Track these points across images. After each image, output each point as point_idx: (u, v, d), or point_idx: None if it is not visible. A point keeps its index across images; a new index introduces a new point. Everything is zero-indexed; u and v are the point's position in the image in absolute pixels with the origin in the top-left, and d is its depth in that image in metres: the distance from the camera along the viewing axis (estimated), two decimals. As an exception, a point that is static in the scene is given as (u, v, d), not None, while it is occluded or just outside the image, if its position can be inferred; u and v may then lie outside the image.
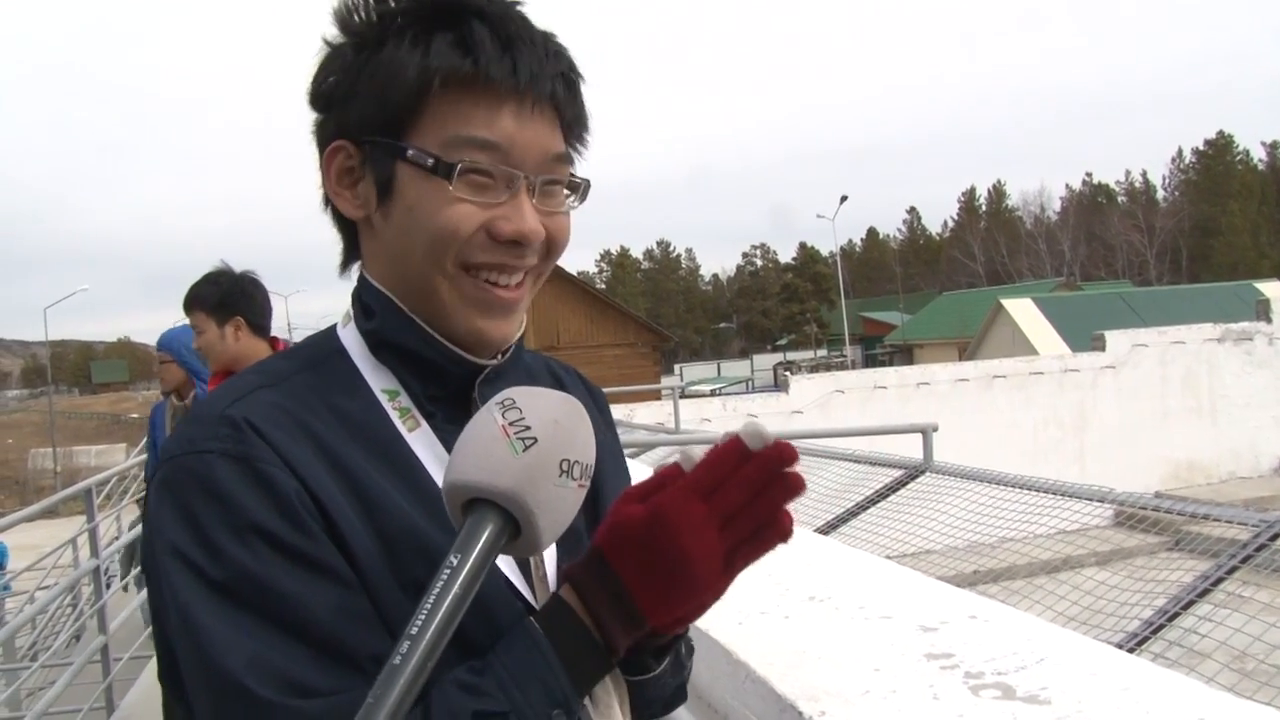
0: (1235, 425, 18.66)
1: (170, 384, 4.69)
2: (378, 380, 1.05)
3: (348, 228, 1.10)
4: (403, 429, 1.03)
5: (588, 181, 1.08)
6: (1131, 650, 4.20)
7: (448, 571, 0.79)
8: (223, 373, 3.66)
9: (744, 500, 0.91)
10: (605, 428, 1.26)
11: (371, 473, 0.98)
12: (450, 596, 0.77)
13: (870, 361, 53.37)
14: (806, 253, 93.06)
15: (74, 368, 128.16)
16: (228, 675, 0.87)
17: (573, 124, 1.06)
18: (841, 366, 46.53)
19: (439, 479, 0.93)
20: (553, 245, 1.06)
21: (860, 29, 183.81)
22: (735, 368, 62.19)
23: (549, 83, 1.01)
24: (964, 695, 1.99)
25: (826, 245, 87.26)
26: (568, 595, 0.94)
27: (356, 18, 1.03)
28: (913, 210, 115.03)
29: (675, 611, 0.94)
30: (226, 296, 3.64)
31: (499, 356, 1.09)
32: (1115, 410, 18.11)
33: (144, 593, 5.82)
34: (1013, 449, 15.42)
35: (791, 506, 1.06)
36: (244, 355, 3.59)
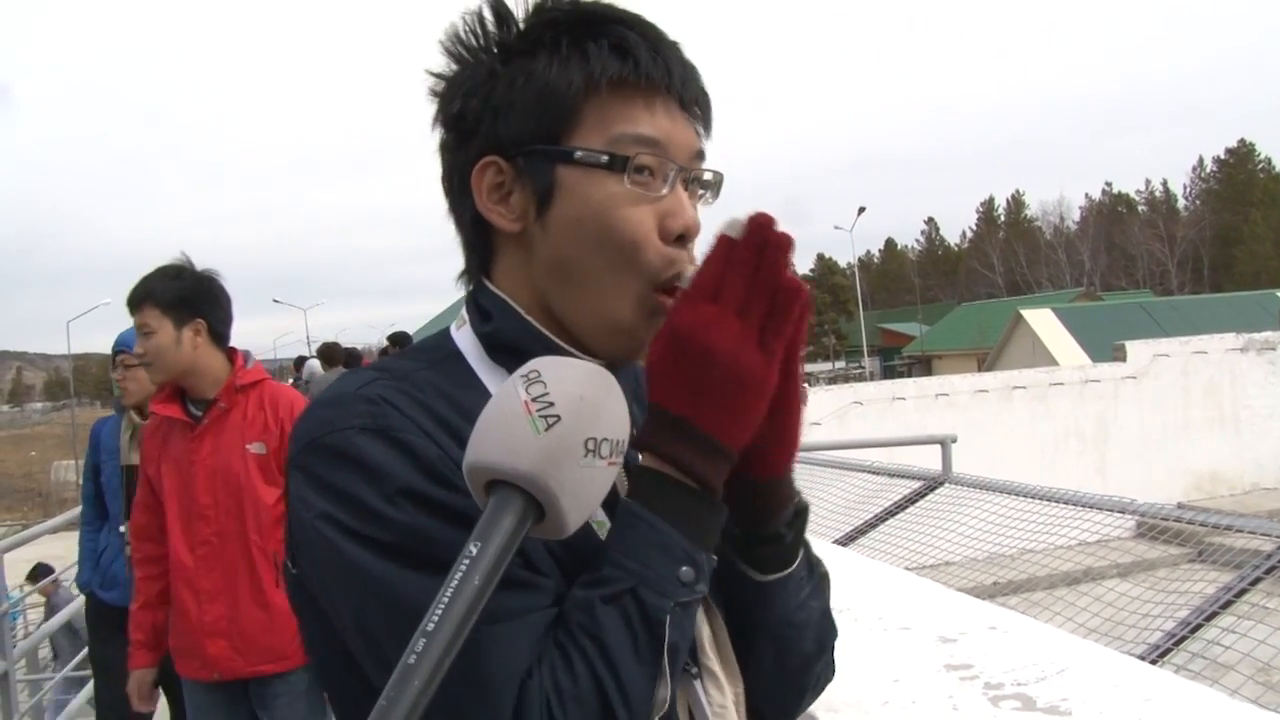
0: (1259, 436, 18.49)
1: (136, 395, 3.93)
2: (494, 380, 1.04)
3: (483, 241, 1.09)
4: None
5: (722, 175, 1.10)
6: (1154, 662, 4.18)
7: (467, 561, 0.75)
8: (170, 386, 3.21)
9: (747, 282, 0.92)
10: None
11: None
12: (471, 588, 0.74)
13: (889, 373, 53.32)
14: (824, 264, 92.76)
15: (96, 380, 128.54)
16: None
17: (709, 124, 1.10)
18: (860, 378, 46.38)
19: None
20: None
21: (878, 39, 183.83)
22: (753, 379, 61.86)
23: (694, 83, 1.06)
24: (984, 706, 1.99)
25: (844, 256, 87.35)
26: (644, 460, 0.94)
27: (476, 39, 1.05)
28: (931, 221, 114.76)
29: (738, 418, 0.93)
30: (189, 294, 3.15)
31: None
32: (1137, 421, 17.99)
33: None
34: (1033, 460, 15.32)
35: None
36: (200, 367, 3.14)
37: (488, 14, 1.05)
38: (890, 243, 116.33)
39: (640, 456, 0.95)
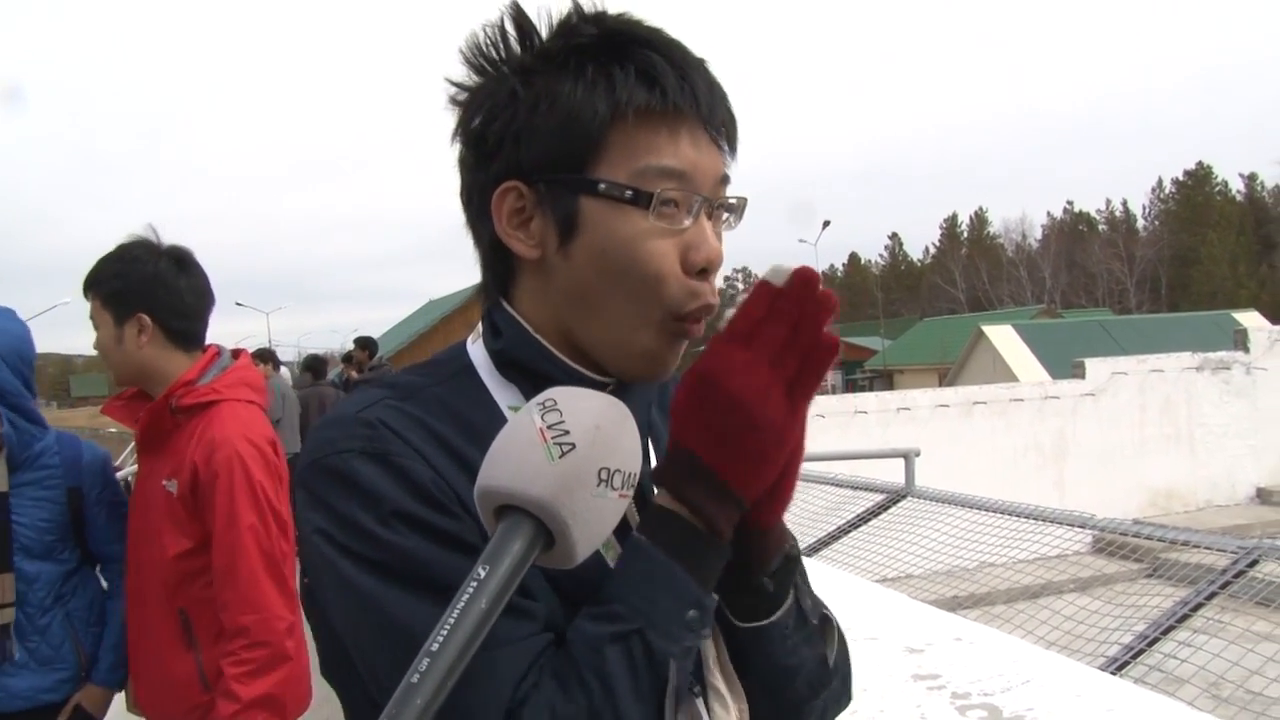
0: (1213, 454, 18.76)
1: None
2: (504, 396, 1.06)
3: (501, 263, 1.08)
4: None
5: (745, 200, 1.09)
6: (1112, 675, 4.23)
7: (475, 584, 0.75)
8: (129, 387, 2.68)
9: (785, 334, 0.91)
10: None
11: None
12: (477, 611, 0.74)
13: (850, 386, 53.50)
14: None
15: (53, 381, 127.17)
16: (415, 638, 0.82)
17: (735, 147, 1.08)
18: (821, 391, 46.37)
19: None
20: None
21: (843, 56, 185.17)
22: (717, 390, 61.98)
23: (721, 107, 1.04)
24: (951, 716, 2.02)
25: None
26: (658, 497, 0.94)
27: (497, 53, 1.04)
28: (895, 236, 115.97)
29: (755, 467, 0.93)
30: (131, 285, 2.56)
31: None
32: (1095, 437, 18.18)
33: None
34: (993, 475, 15.44)
35: None
36: (151, 369, 2.59)
37: (510, 27, 1.03)
38: (854, 257, 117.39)
39: (655, 491, 0.96)
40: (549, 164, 1.00)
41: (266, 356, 11.82)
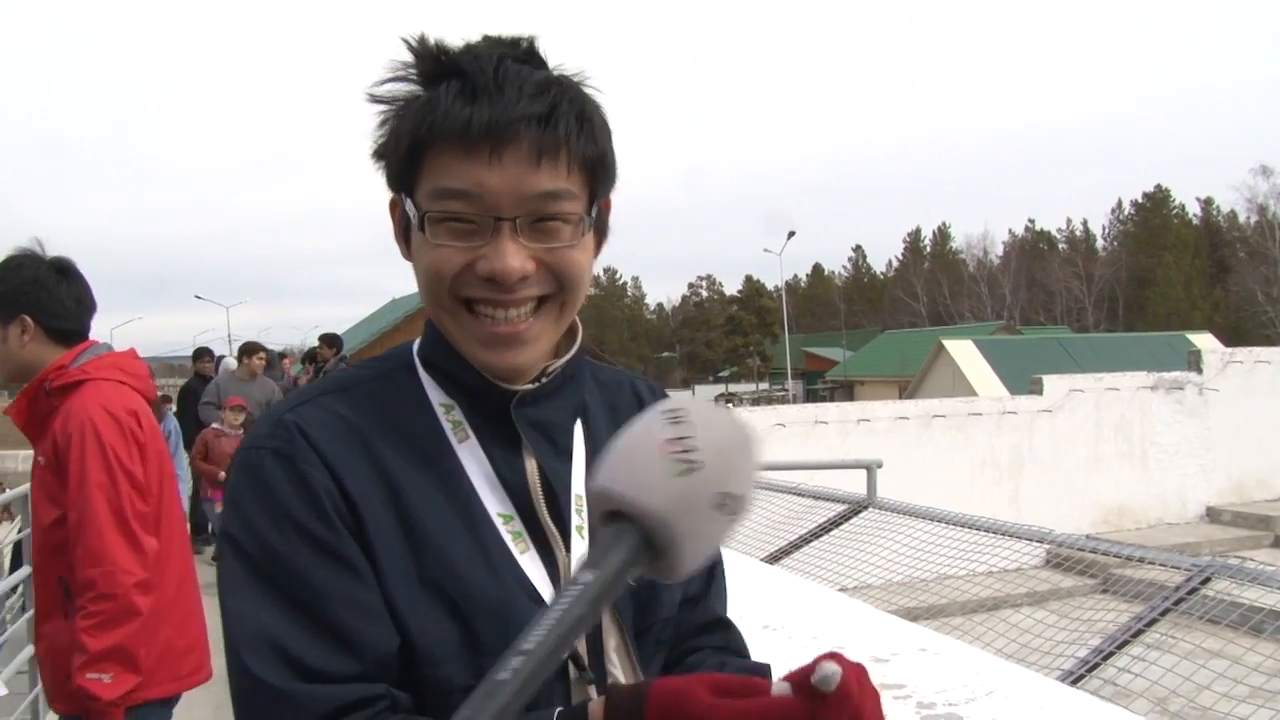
0: (1165, 472, 19.03)
1: None
2: (436, 394, 1.15)
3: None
4: (454, 440, 1.12)
5: (585, 217, 1.09)
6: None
7: (579, 587, 0.73)
8: (18, 381, 2.94)
9: None
10: None
11: (415, 479, 1.08)
12: (575, 616, 0.72)
13: (811, 396, 53.81)
14: (752, 286, 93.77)
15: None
16: (234, 647, 1.01)
17: (570, 159, 1.06)
18: (783, 400, 46.82)
19: (480, 488, 1.09)
20: (561, 277, 1.10)
21: (810, 70, 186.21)
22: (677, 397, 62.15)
23: (516, 127, 1.03)
24: (916, 725, 2.04)
25: (772, 279, 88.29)
26: (595, 711, 0.94)
27: (399, 82, 1.12)
28: (858, 249, 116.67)
29: None
30: (13, 291, 2.85)
31: (539, 380, 1.15)
32: (1050, 453, 18.38)
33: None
34: (950, 488, 15.56)
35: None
36: (35, 364, 2.85)
37: (406, 58, 1.10)
38: (818, 268, 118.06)
39: (595, 701, 0.95)
40: (394, 183, 1.12)
41: (251, 350, 11.20)
